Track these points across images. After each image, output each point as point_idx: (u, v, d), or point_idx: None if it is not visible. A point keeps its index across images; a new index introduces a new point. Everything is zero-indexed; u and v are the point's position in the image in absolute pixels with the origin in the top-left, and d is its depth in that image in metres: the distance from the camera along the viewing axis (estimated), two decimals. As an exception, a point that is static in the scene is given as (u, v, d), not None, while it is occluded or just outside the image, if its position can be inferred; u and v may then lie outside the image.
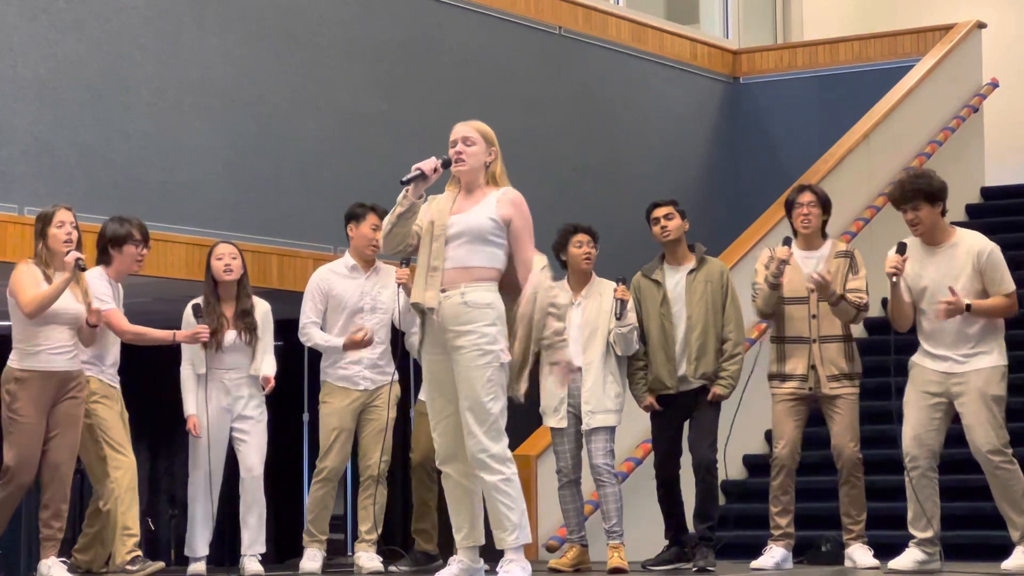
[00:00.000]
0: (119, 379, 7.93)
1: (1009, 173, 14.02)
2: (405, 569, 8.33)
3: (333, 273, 8.38)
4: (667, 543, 8.23)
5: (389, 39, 10.92)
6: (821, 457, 8.74)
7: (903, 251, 7.24)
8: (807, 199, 8.11)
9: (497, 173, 6.45)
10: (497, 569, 6.22)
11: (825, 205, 8.14)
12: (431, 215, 6.37)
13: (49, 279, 7.40)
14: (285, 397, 9.61)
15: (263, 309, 8.16)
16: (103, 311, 7.61)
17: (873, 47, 14.06)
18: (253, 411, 8.08)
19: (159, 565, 7.85)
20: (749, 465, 10.31)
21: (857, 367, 8.04)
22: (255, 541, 8.06)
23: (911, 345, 7.45)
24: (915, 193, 7.21)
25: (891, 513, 8.32)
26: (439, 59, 11.27)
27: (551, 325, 6.25)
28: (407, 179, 6.28)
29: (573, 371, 6.56)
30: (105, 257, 7.92)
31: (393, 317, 8.31)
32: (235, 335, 8.01)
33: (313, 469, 8.39)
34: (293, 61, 10.30)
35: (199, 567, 8.04)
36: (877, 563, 7.79)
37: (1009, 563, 7.17)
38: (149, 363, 9.15)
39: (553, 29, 12.41)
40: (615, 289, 8.01)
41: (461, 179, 6.44)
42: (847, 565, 7.99)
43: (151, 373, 9.40)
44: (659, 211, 8.16)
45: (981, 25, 13.75)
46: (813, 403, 8.06)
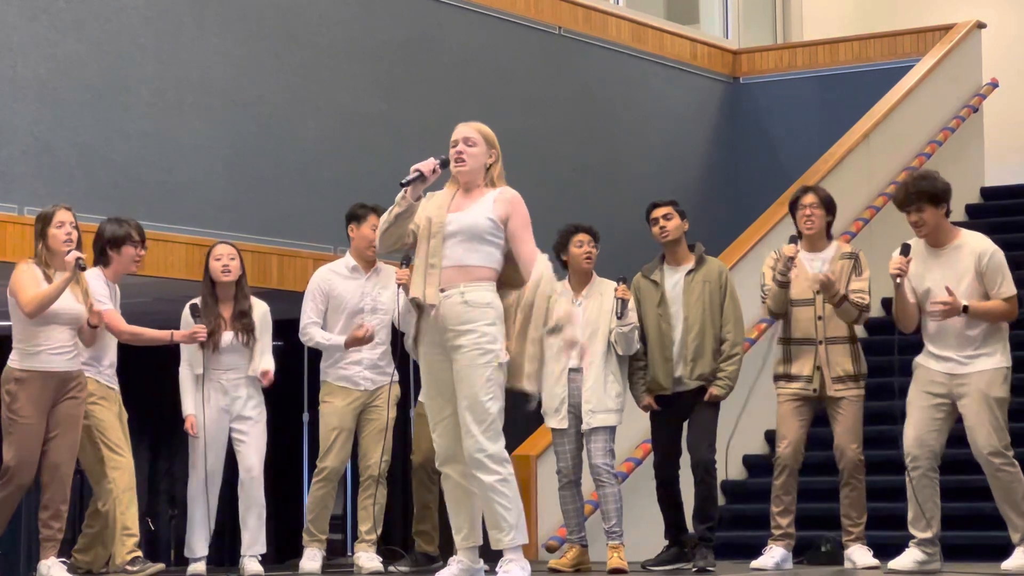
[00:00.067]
0: (117, 380, 7.92)
1: (1009, 173, 14.02)
2: (405, 569, 8.32)
3: (334, 274, 8.37)
4: (667, 543, 8.21)
5: (389, 39, 10.92)
6: (822, 458, 8.73)
7: (907, 252, 7.22)
8: (809, 201, 8.09)
9: (495, 176, 6.45)
10: (496, 569, 6.23)
11: (828, 206, 8.10)
12: (428, 212, 6.37)
13: (49, 279, 7.40)
14: (285, 397, 9.62)
15: (261, 310, 8.15)
16: (101, 311, 7.61)
17: (873, 47, 14.06)
18: (252, 411, 8.07)
19: (159, 566, 7.84)
20: (749, 465, 10.31)
21: (862, 368, 8.03)
22: (255, 541, 8.05)
23: (913, 346, 7.44)
24: (919, 195, 7.18)
25: (891, 513, 8.32)
26: (439, 59, 11.27)
27: (559, 308, 6.23)
28: (406, 181, 6.29)
29: (581, 347, 6.54)
30: (103, 258, 7.91)
31: (393, 318, 8.30)
32: (232, 336, 8.00)
33: (313, 469, 8.40)
34: (293, 61, 10.30)
35: (199, 567, 8.03)
36: (877, 563, 7.78)
37: (1009, 563, 7.16)
38: (149, 364, 9.15)
39: (553, 29, 12.40)
40: (616, 288, 8.01)
41: (460, 179, 6.45)
42: (847, 566, 7.99)
43: (151, 374, 9.41)
44: (658, 211, 8.15)
45: (981, 25, 13.75)
46: (818, 404, 8.05)
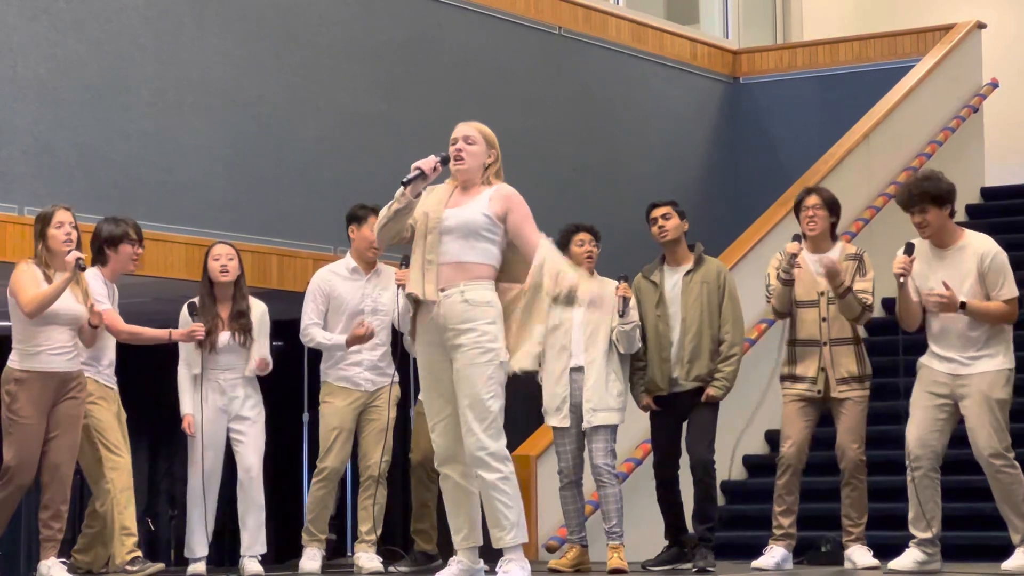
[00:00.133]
0: (116, 379, 7.92)
1: (1009, 173, 14.01)
2: (405, 569, 8.32)
3: (334, 275, 8.37)
4: (667, 543, 8.21)
5: (389, 39, 10.91)
6: (822, 458, 8.73)
7: (911, 252, 7.21)
8: (812, 202, 8.06)
9: (492, 175, 6.46)
10: (496, 569, 6.22)
11: (832, 207, 8.06)
12: (426, 207, 6.38)
13: (49, 279, 7.39)
14: (285, 397, 9.62)
15: (260, 310, 8.15)
16: (101, 312, 7.61)
17: (873, 47, 14.05)
18: (250, 411, 8.07)
19: (159, 566, 7.84)
20: (749, 465, 10.30)
21: (867, 370, 8.01)
22: (254, 542, 8.05)
23: (917, 346, 7.43)
24: (922, 196, 7.17)
25: (891, 514, 8.32)
26: (439, 59, 11.27)
27: (565, 279, 6.22)
28: (407, 179, 6.30)
29: (596, 296, 6.56)
30: (101, 257, 7.91)
31: (393, 319, 8.30)
32: (229, 336, 8.00)
33: (313, 469, 8.39)
34: (293, 61, 10.29)
35: (199, 567, 8.03)
36: (877, 563, 7.78)
37: (1009, 564, 7.16)
38: (148, 363, 9.14)
39: (553, 29, 12.40)
40: (617, 287, 8.00)
41: (459, 177, 6.45)
42: (847, 566, 7.98)
43: (150, 373, 9.40)
44: (657, 211, 8.14)
45: (981, 25, 13.74)
46: (823, 405, 8.04)
